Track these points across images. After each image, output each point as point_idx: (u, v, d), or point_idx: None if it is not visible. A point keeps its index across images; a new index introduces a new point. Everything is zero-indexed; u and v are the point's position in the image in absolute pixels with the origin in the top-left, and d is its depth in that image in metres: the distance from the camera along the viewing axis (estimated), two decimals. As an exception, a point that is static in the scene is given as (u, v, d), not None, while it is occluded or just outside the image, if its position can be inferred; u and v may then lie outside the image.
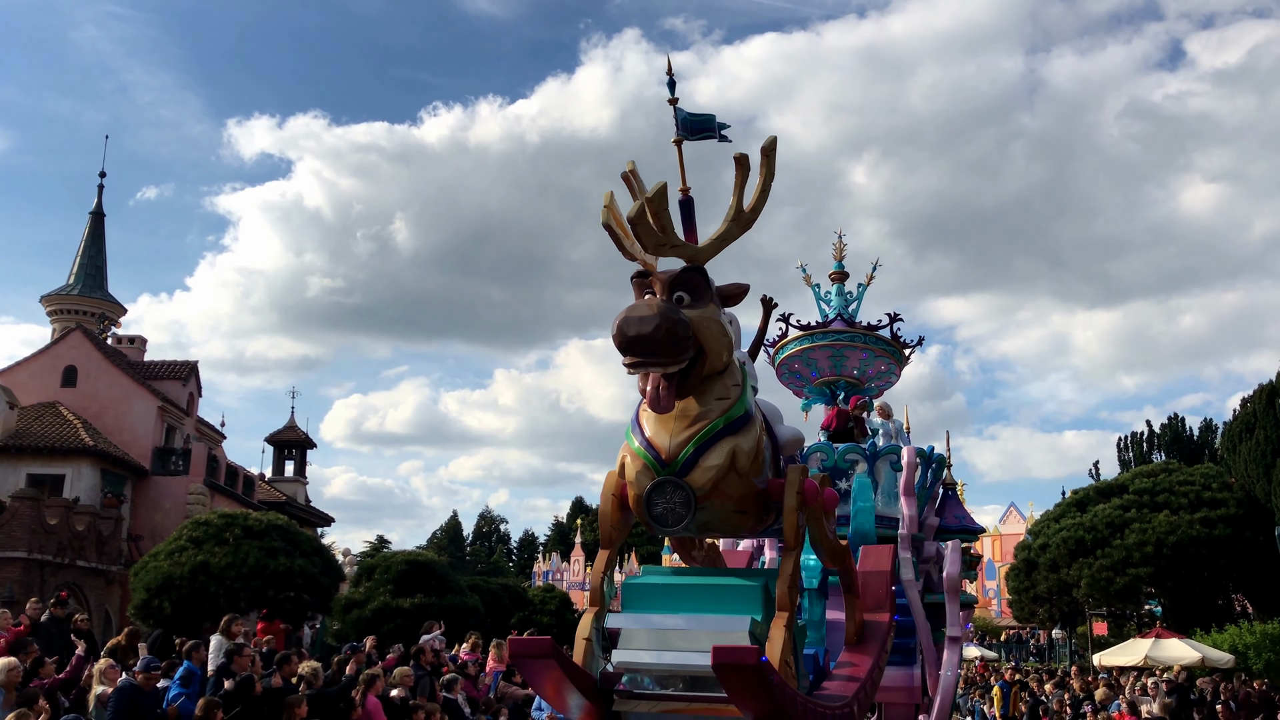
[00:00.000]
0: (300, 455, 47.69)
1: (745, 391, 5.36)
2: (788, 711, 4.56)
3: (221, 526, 25.13)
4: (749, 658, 4.24)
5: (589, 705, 5.08)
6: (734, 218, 5.62)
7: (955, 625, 9.81)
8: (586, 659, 5.16)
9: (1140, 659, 24.24)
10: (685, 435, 5.10)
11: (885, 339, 12.02)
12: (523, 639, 5.08)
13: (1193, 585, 30.08)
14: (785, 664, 4.79)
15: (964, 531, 11.46)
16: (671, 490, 5.08)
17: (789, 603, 5.14)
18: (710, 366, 5.16)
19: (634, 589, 5.38)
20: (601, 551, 5.55)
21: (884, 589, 6.82)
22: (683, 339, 4.88)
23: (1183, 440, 43.03)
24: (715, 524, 5.34)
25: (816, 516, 5.80)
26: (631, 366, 4.93)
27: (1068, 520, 32.01)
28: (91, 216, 44.89)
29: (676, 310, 4.97)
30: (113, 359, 37.52)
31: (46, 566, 28.04)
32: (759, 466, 5.29)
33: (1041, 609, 33.63)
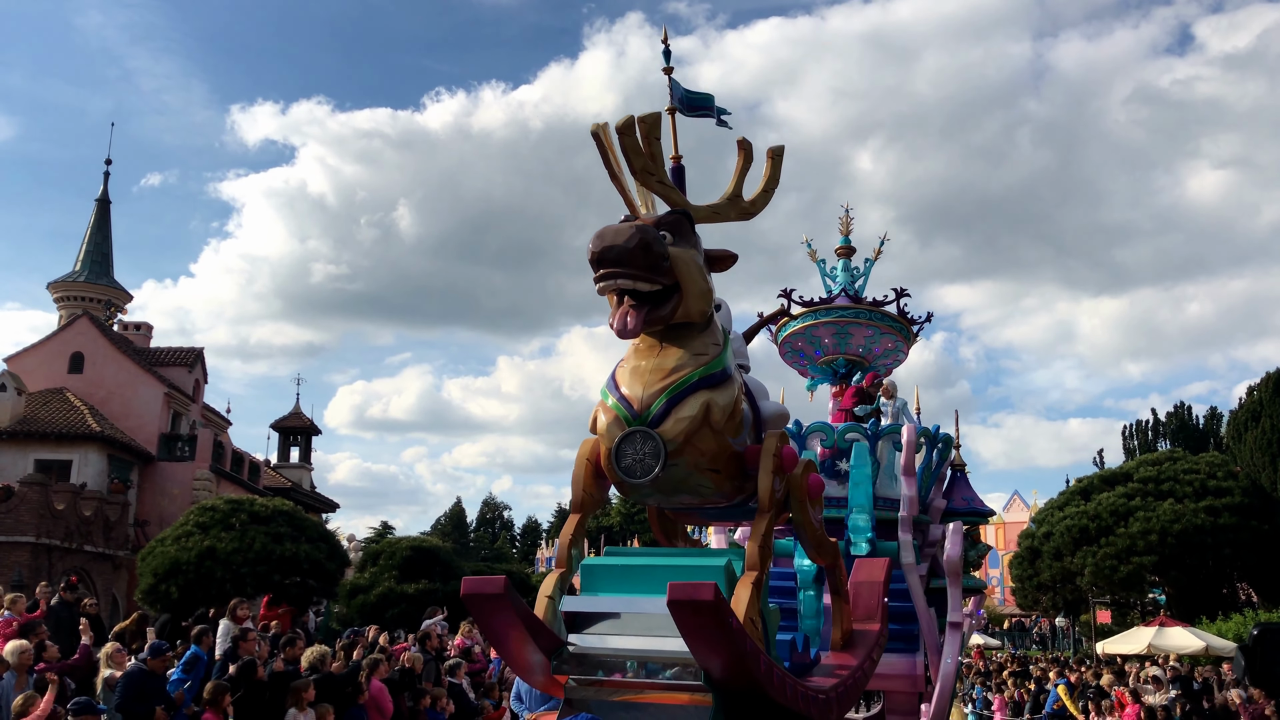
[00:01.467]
0: (305, 441, 47.84)
1: (725, 352, 5.21)
2: (750, 668, 4.34)
3: (228, 512, 25.30)
4: (705, 593, 4.01)
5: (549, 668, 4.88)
6: (730, 198, 5.55)
7: (956, 610, 9.45)
8: (548, 617, 4.96)
9: (1143, 647, 24.27)
10: (659, 387, 4.94)
11: (891, 315, 11.53)
12: (476, 577, 4.77)
13: (1197, 574, 30.04)
14: (750, 622, 4.59)
15: (972, 514, 11.03)
16: (642, 441, 4.89)
17: (759, 563, 4.95)
18: (686, 310, 4.99)
19: (592, 570, 5.11)
20: (572, 516, 5.35)
21: (875, 600, 6.57)
22: (658, 257, 4.74)
23: (1188, 428, 42.95)
24: (688, 483, 5.07)
25: (800, 500, 5.63)
26: (601, 280, 4.75)
27: (1072, 508, 31.95)
28: (97, 204, 45.00)
29: (654, 230, 4.86)
30: (119, 345, 37.64)
31: (54, 551, 28.22)
32: (736, 427, 5.11)
33: (1045, 597, 33.61)
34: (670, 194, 5.29)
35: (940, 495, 10.80)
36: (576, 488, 5.32)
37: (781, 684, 4.67)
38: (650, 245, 4.69)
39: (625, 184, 5.33)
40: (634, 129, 5.05)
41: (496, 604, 4.62)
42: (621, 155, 5.16)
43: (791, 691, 4.78)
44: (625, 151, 5.09)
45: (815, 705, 5.03)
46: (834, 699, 5.30)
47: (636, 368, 5.07)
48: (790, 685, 4.77)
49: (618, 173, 5.29)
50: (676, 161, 5.83)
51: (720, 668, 4.38)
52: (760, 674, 4.43)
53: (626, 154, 5.09)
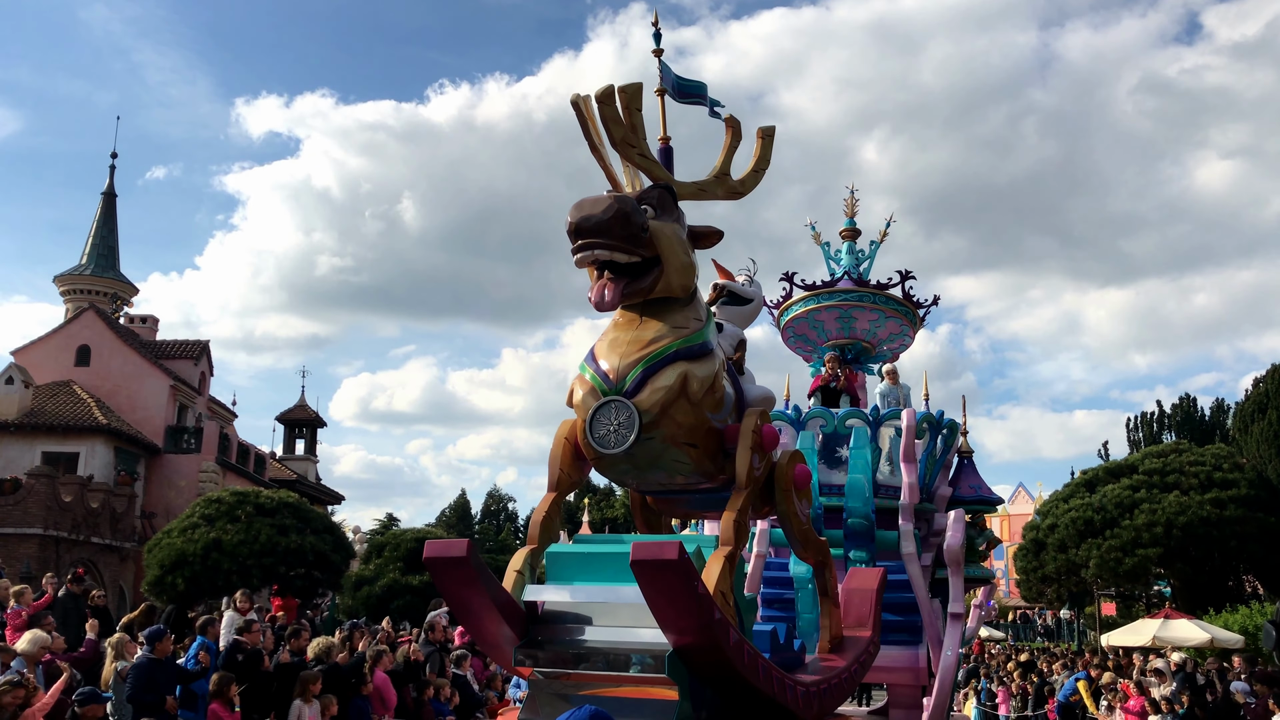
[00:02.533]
0: (311, 434, 47.98)
1: (708, 328, 5.09)
2: (718, 639, 4.15)
3: (233, 504, 25.41)
4: (669, 551, 3.86)
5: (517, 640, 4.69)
6: (717, 176, 5.43)
7: (958, 601, 9.17)
8: (516, 592, 4.79)
9: (1148, 639, 24.21)
10: (636, 357, 4.82)
11: (896, 298, 11.13)
12: (439, 540, 4.59)
13: (1203, 566, 29.94)
14: (721, 595, 4.41)
15: (980, 503, 10.67)
16: (616, 410, 4.75)
17: (733, 537, 4.79)
18: (667, 284, 4.89)
19: (557, 558, 4.94)
20: (548, 495, 5.19)
21: (868, 608, 6.36)
22: (636, 227, 4.63)
23: (1193, 420, 42.79)
24: (664, 458, 4.89)
25: (785, 489, 5.49)
26: (578, 251, 4.64)
27: (1076, 500, 31.82)
28: (103, 197, 45.06)
29: (634, 201, 4.75)
30: (125, 338, 37.78)
31: (62, 543, 28.35)
32: (715, 402, 4.97)
33: (1049, 589, 33.52)
34: (653, 167, 5.19)
35: (946, 483, 10.50)
36: (553, 466, 5.18)
37: (753, 663, 4.48)
38: (628, 216, 4.59)
39: (606, 157, 5.22)
40: (614, 99, 4.94)
41: (460, 569, 4.44)
42: (601, 126, 5.03)
43: (765, 674, 4.58)
44: (605, 122, 4.97)
45: (791, 694, 4.81)
46: (814, 693, 5.08)
47: (615, 339, 4.97)
48: (764, 667, 4.58)
49: (598, 145, 5.18)
50: (665, 143, 5.74)
51: (684, 633, 4.18)
52: (729, 647, 4.25)
53: (606, 124, 4.98)
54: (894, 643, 8.94)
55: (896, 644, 8.98)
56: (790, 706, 4.79)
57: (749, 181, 5.64)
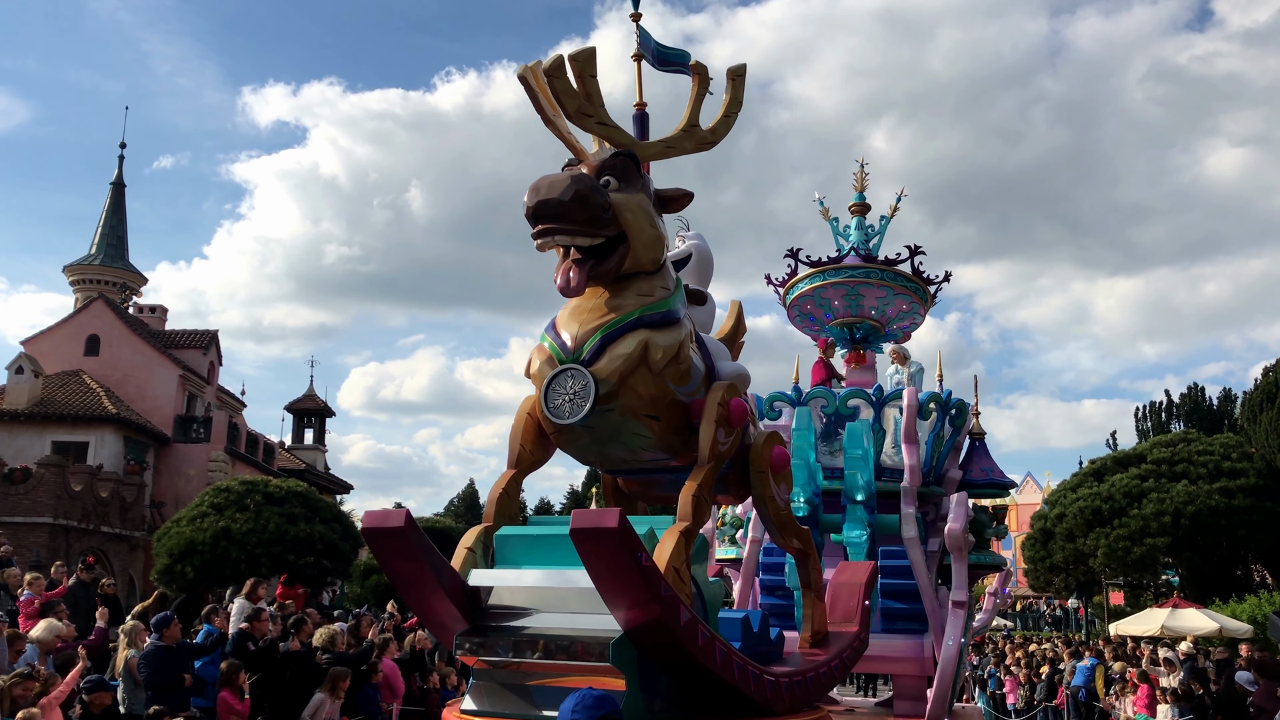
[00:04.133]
0: (319, 423, 48.08)
1: (675, 296, 4.84)
2: (665, 618, 3.90)
3: (242, 493, 25.48)
4: (609, 519, 3.63)
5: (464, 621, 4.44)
6: (685, 129, 5.19)
7: (961, 588, 8.82)
8: (465, 570, 4.56)
9: (1156, 629, 24.15)
10: (595, 324, 4.61)
11: (906, 274, 10.62)
12: (377, 510, 4.36)
13: (1211, 556, 29.86)
14: (675, 573, 4.18)
15: (992, 486, 10.29)
16: (572, 379, 4.53)
17: (690, 513, 4.48)
18: (635, 260, 4.66)
19: (506, 541, 4.67)
20: (507, 472, 4.94)
21: (855, 603, 6.08)
22: (597, 208, 4.41)
23: (1202, 410, 42.60)
24: (624, 431, 4.64)
25: (760, 471, 5.26)
26: (539, 236, 4.42)
27: (1085, 490, 31.75)
28: (112, 187, 45.18)
29: (593, 179, 4.50)
30: (134, 328, 37.89)
31: (71, 532, 28.50)
32: (680, 374, 4.70)
33: (1057, 578, 33.47)
34: (614, 134, 4.93)
35: (956, 466, 10.13)
36: (514, 442, 4.94)
37: (709, 647, 4.20)
38: (587, 197, 4.36)
39: (564, 129, 4.95)
40: (565, 70, 4.71)
41: (398, 541, 4.21)
42: (556, 103, 4.79)
43: (724, 659, 4.29)
44: (557, 95, 4.74)
45: (756, 683, 4.51)
46: (784, 684, 4.78)
47: (576, 308, 4.78)
48: (723, 652, 4.29)
49: (551, 117, 4.91)
50: (640, 109, 5.51)
51: (628, 608, 3.94)
52: (679, 627, 3.98)
53: (559, 97, 4.74)
54: (899, 631, 8.82)
55: (901, 633, 8.82)
56: (755, 697, 4.52)
57: (719, 128, 5.35)
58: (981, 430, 10.51)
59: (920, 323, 11.21)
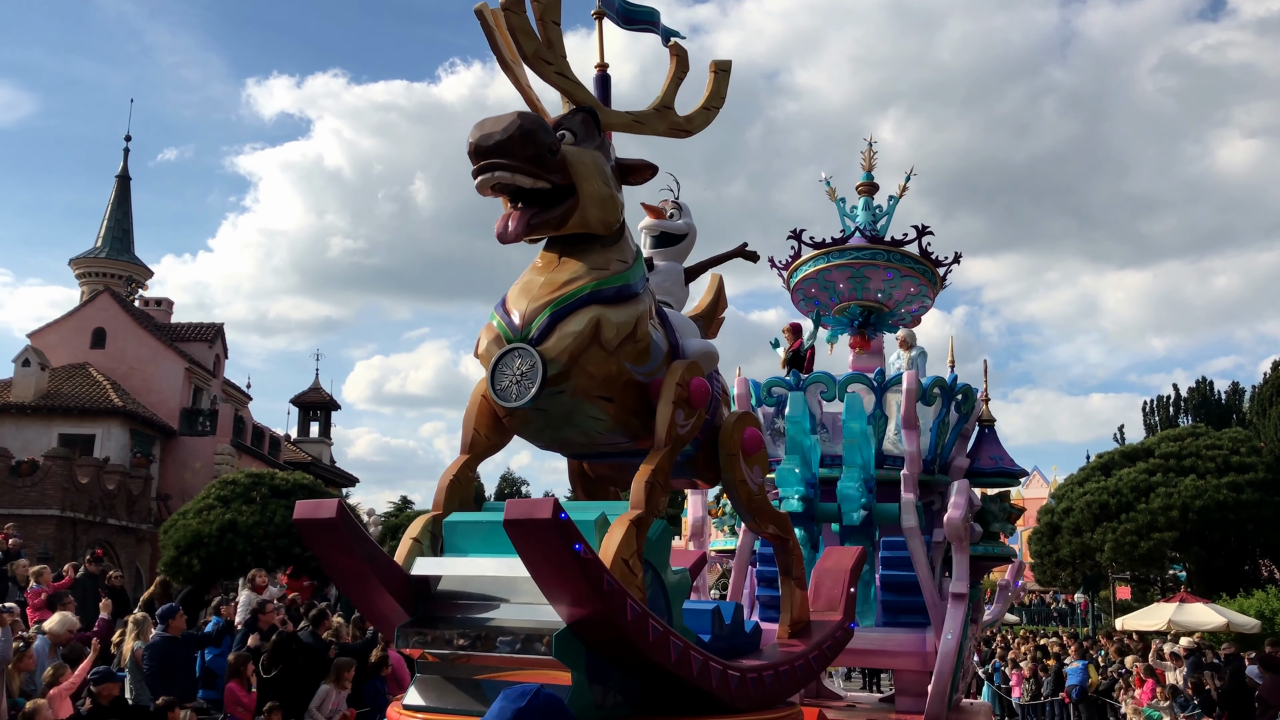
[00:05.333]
0: (325, 416, 48.18)
1: (633, 269, 4.56)
2: (611, 612, 3.69)
3: (248, 486, 25.54)
4: (543, 510, 3.44)
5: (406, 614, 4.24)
6: (658, 109, 4.93)
7: (961, 580, 8.45)
8: (409, 560, 4.34)
9: (1164, 624, 24.11)
10: (545, 300, 4.33)
11: (913, 256, 10.22)
12: (309, 501, 4.17)
13: (1219, 550, 29.79)
14: (624, 564, 3.96)
15: (1001, 475, 9.97)
16: (519, 359, 4.26)
17: (644, 501, 4.21)
18: (583, 217, 4.39)
19: (455, 527, 4.45)
20: (460, 457, 4.69)
21: (839, 589, 5.81)
22: (543, 147, 4.14)
23: (1210, 404, 42.47)
24: (577, 414, 4.39)
25: (730, 454, 5.00)
26: (478, 174, 4.17)
27: (1092, 484, 31.66)
28: (118, 180, 45.22)
29: (540, 119, 4.25)
30: (140, 321, 37.95)
31: (79, 524, 28.56)
32: (638, 353, 4.44)
33: (1064, 573, 33.44)
34: (574, 90, 4.63)
35: (963, 454, 9.81)
36: (468, 426, 4.66)
37: (662, 642, 3.96)
38: (531, 134, 4.10)
39: (523, 77, 4.68)
40: (524, 7, 4.43)
41: (331, 533, 4.02)
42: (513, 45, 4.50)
43: (680, 655, 4.06)
44: (514, 34, 4.43)
45: (718, 679, 4.29)
46: (750, 680, 4.54)
47: (528, 283, 4.51)
48: (678, 648, 4.05)
49: (510, 62, 4.63)
50: (601, 70, 5.21)
51: (568, 604, 3.75)
52: (626, 623, 3.76)
53: (515, 37, 4.44)
54: (900, 625, 8.57)
55: (902, 626, 8.56)
56: (717, 694, 4.28)
57: (697, 119, 5.07)
58: (991, 417, 10.21)
59: (929, 306, 10.85)
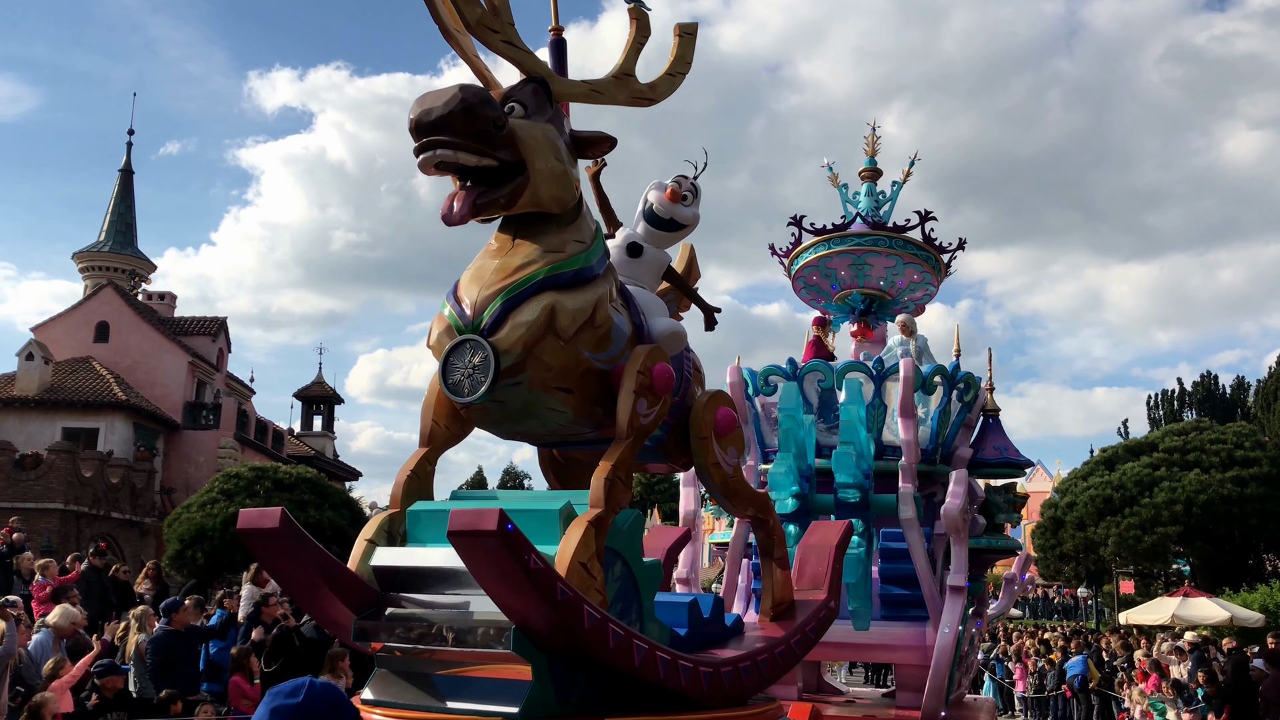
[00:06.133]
0: (328, 410, 48.20)
1: (592, 250, 4.32)
2: (567, 619, 3.57)
3: (252, 479, 25.60)
4: (487, 521, 3.30)
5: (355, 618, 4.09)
6: (617, 76, 4.67)
7: (959, 573, 8.29)
8: (364, 565, 4.18)
9: (1167, 618, 24.11)
10: (497, 288, 4.10)
11: (915, 242, 9.95)
12: (252, 509, 3.97)
13: (1223, 545, 29.77)
14: (581, 568, 3.79)
15: (1006, 465, 9.74)
16: (471, 351, 4.06)
17: (603, 499, 4.01)
18: (534, 195, 4.15)
19: (418, 517, 4.30)
20: (418, 450, 4.52)
21: (824, 566, 5.59)
22: (487, 122, 3.90)
23: (1215, 398, 42.43)
24: (535, 406, 4.20)
25: (701, 436, 4.79)
26: (419, 153, 3.95)
27: (1095, 478, 31.65)
28: (121, 174, 45.17)
29: (485, 91, 4.01)
30: (144, 315, 37.95)
31: (82, 518, 28.60)
32: (597, 339, 4.23)
33: (1068, 567, 33.40)
34: (523, 58, 4.38)
35: (967, 444, 9.60)
36: (425, 418, 4.47)
37: (625, 646, 3.82)
38: (474, 109, 3.85)
39: (466, 46, 4.41)
40: None
41: (276, 542, 3.88)
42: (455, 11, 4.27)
43: (645, 658, 3.92)
44: (459, 6, 4.22)
45: (688, 678, 4.16)
46: (725, 673, 4.38)
47: (480, 268, 4.27)
48: (642, 649, 3.91)
49: (453, 31, 4.36)
50: (556, 34, 4.96)
51: (521, 616, 3.62)
52: (584, 631, 3.63)
53: (457, 4, 4.22)
54: (900, 618, 8.45)
55: (903, 620, 8.44)
56: (688, 692, 4.14)
57: (661, 86, 4.83)
58: (996, 406, 10.02)
59: (934, 294, 10.61)
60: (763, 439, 9.36)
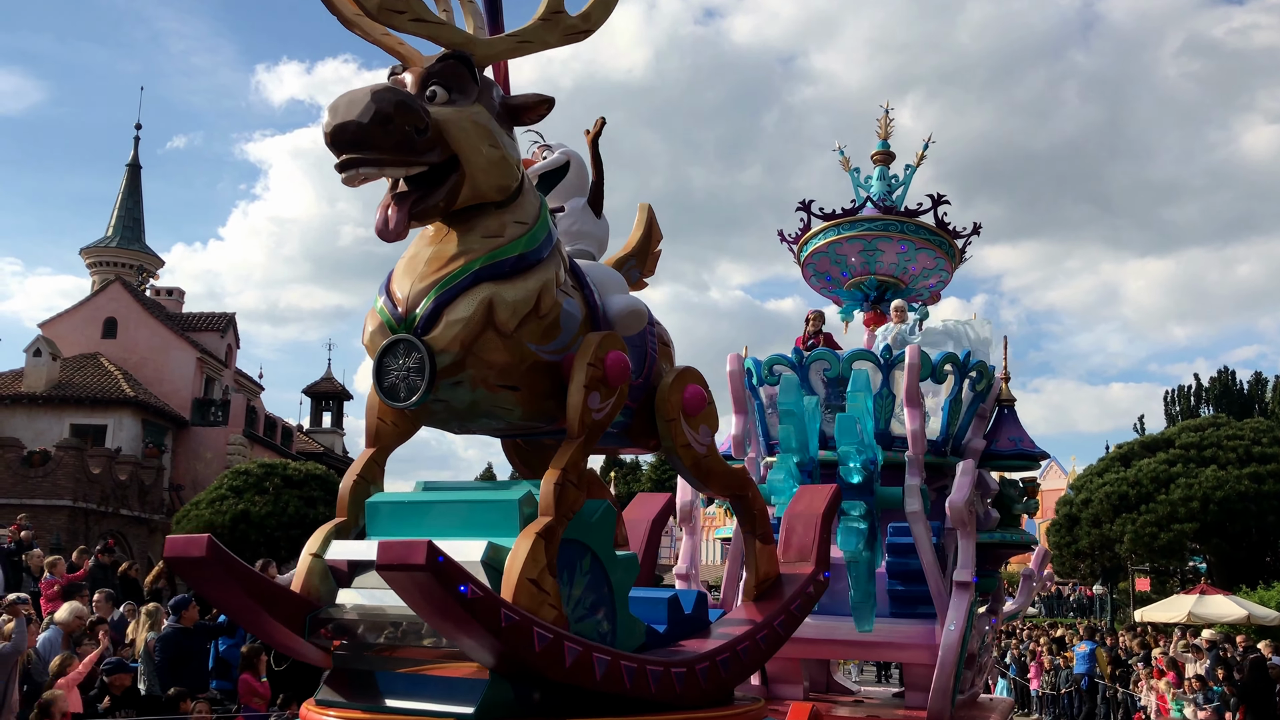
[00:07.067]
0: (337, 406, 48.10)
1: (535, 231, 4.01)
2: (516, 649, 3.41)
3: (261, 476, 25.54)
4: (416, 555, 3.12)
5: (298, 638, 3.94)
6: (544, 17, 4.25)
7: (965, 567, 7.94)
8: (311, 581, 3.98)
9: (1184, 616, 23.92)
10: (430, 281, 3.85)
11: (928, 227, 9.61)
12: (180, 536, 3.82)
13: (1240, 542, 29.59)
14: (529, 585, 3.56)
15: (1021, 457, 9.42)
16: (405, 352, 3.80)
17: (554, 505, 3.77)
18: (473, 189, 3.87)
19: (376, 509, 4.15)
20: (365, 451, 4.31)
21: (811, 536, 5.33)
22: (407, 130, 3.60)
23: (1232, 394, 42.24)
24: (481, 406, 3.99)
25: (669, 419, 4.57)
26: (342, 169, 3.63)
27: (1111, 475, 31.53)
28: (128, 169, 45.14)
29: (402, 93, 3.66)
30: (152, 311, 37.90)
31: (91, 515, 28.53)
32: (542, 330, 3.95)
33: (1083, 564, 33.34)
34: (438, 32, 3.95)
35: (980, 435, 9.24)
36: (370, 415, 4.22)
37: (584, 663, 3.66)
38: (391, 117, 3.53)
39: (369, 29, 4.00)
40: None
41: (205, 570, 3.71)
42: None
43: (608, 671, 3.75)
44: None
45: (657, 682, 4.00)
46: (700, 671, 4.21)
47: (413, 258, 4.02)
48: (604, 662, 3.76)
49: (352, 18, 3.96)
50: None
51: (467, 647, 3.49)
52: (534, 656, 3.47)
53: None
54: (908, 615, 8.19)
55: (911, 617, 8.17)
56: (659, 698, 3.98)
57: (595, 13, 4.42)
58: (1011, 396, 9.68)
59: (948, 280, 10.23)
60: (767, 431, 9.09)
